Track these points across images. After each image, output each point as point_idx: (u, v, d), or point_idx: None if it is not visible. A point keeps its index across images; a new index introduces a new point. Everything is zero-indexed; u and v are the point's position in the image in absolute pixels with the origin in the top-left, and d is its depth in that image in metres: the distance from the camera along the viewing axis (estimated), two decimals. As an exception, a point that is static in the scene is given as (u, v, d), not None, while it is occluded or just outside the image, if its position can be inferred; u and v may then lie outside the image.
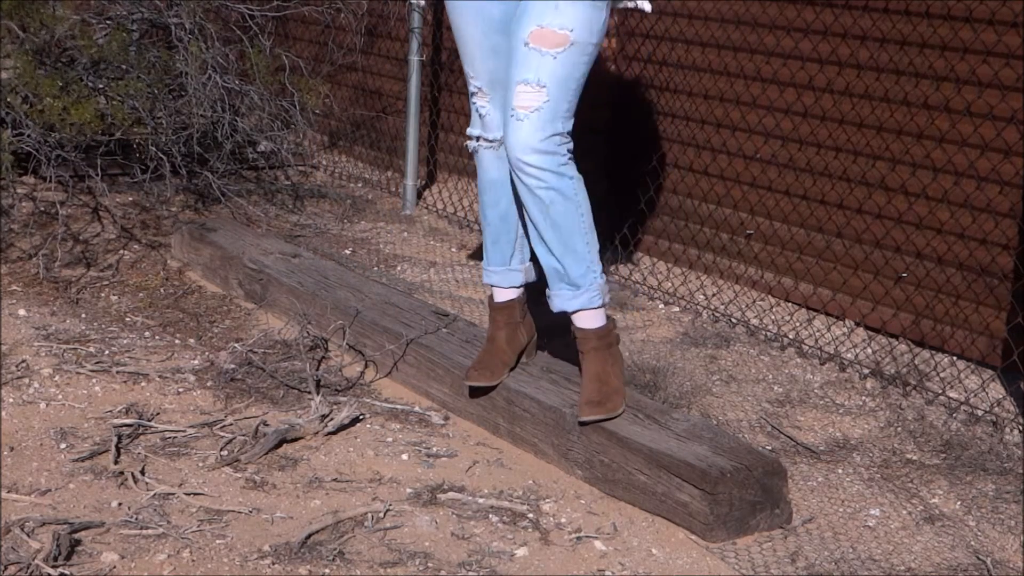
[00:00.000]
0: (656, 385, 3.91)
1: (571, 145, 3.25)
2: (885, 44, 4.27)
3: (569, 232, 3.26)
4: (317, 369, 3.88)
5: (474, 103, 3.46)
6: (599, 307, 3.34)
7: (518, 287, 3.56)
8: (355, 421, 3.57)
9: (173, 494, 3.12)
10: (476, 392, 3.56)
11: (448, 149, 6.17)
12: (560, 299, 3.35)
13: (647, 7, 3.41)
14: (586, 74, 3.23)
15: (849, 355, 4.19)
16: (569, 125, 3.23)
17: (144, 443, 3.40)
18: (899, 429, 3.71)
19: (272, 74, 5.61)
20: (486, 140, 3.45)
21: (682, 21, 4.90)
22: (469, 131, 3.50)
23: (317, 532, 2.98)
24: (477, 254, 5.26)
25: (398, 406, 3.71)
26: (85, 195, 5.31)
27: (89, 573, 2.76)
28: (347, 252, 5.19)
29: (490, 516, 3.11)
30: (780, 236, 4.65)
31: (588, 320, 3.35)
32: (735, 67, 4.73)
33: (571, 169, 3.25)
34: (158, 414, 3.58)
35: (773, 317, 4.51)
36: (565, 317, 3.39)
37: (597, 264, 3.32)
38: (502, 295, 3.56)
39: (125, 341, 4.09)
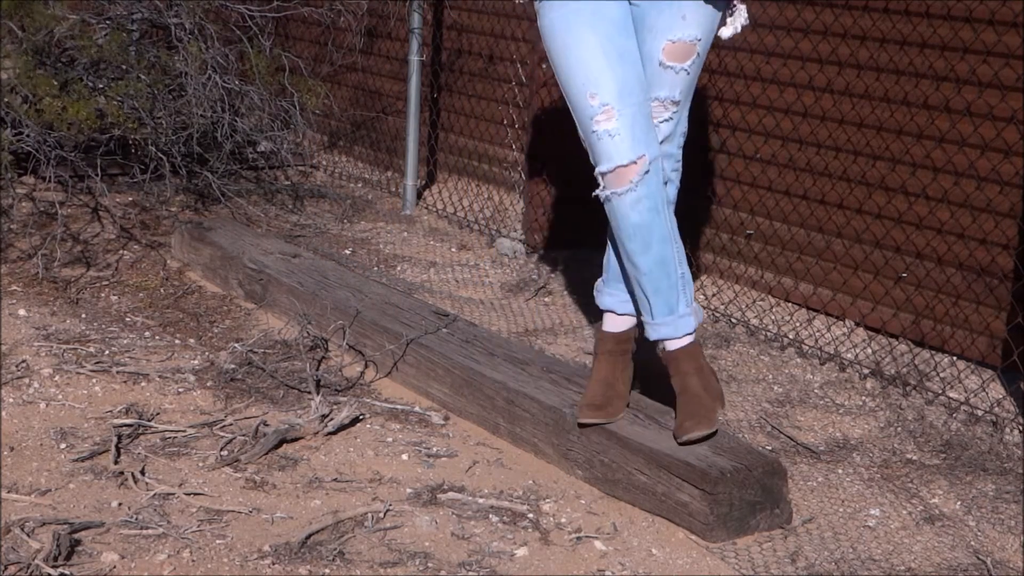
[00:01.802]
0: (656, 385, 3.91)
1: (683, 145, 3.26)
2: (885, 44, 4.27)
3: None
4: (317, 369, 3.88)
5: (595, 131, 3.07)
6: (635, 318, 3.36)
7: (691, 333, 3.25)
8: (355, 421, 3.57)
9: (173, 494, 3.12)
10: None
11: (448, 149, 6.17)
12: (612, 299, 3.37)
13: (744, 20, 3.23)
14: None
15: (849, 355, 4.19)
16: (687, 124, 3.25)
17: (144, 443, 3.40)
18: (899, 429, 3.71)
19: (272, 74, 5.61)
20: (618, 171, 3.06)
21: (682, 21, 4.90)
22: (598, 171, 3.10)
23: (317, 532, 2.98)
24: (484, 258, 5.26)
25: (398, 406, 3.71)
26: (85, 195, 5.31)
27: (89, 573, 2.76)
28: (347, 252, 5.19)
29: (490, 516, 3.11)
30: (780, 236, 4.65)
31: (617, 323, 3.36)
32: (735, 67, 4.73)
33: (678, 176, 3.27)
34: (158, 414, 3.58)
35: (773, 317, 4.51)
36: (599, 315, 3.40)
37: None
38: (676, 344, 3.25)
39: (125, 341, 4.09)
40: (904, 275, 4.26)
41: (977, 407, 3.80)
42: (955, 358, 4.11)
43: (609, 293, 3.36)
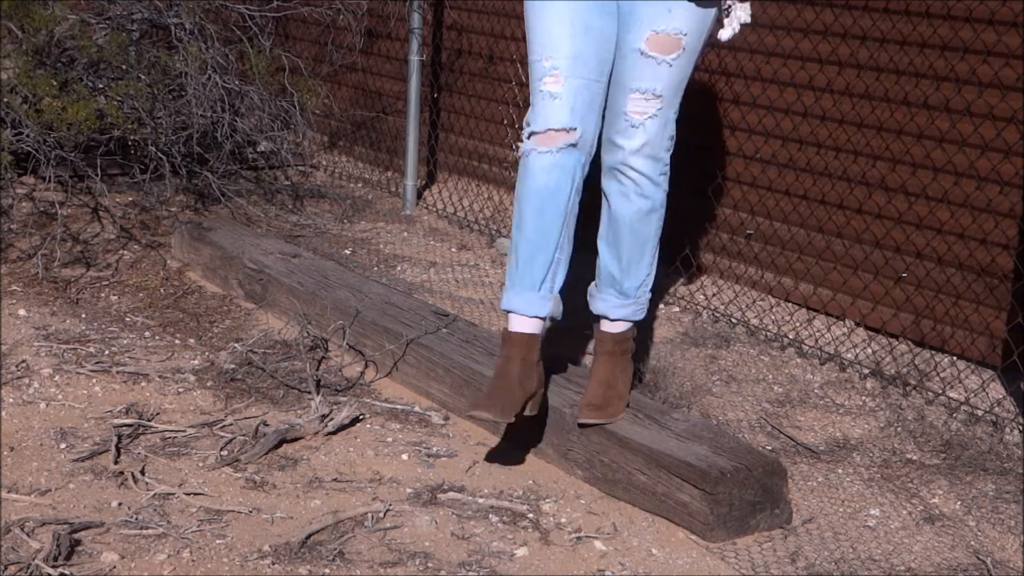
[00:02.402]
0: (656, 385, 3.91)
1: (672, 149, 3.22)
2: (885, 44, 4.27)
3: (644, 243, 3.26)
4: (317, 369, 3.88)
5: (540, 90, 3.11)
6: (637, 321, 3.35)
7: (542, 318, 3.20)
8: (355, 421, 3.57)
9: (173, 494, 3.12)
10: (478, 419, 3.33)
11: (448, 149, 6.17)
12: (604, 304, 3.35)
13: (745, 18, 3.23)
14: (692, 75, 3.20)
15: (849, 355, 4.19)
16: (675, 127, 3.21)
17: (144, 443, 3.40)
18: (899, 429, 3.71)
19: (272, 74, 5.61)
20: (549, 133, 3.11)
21: (682, 21, 4.90)
22: (527, 128, 3.14)
23: (317, 532, 2.98)
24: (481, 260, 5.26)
25: (398, 406, 3.71)
26: (84, 195, 5.31)
27: (89, 573, 2.76)
28: (347, 252, 5.19)
29: (490, 516, 3.11)
30: (780, 236, 4.65)
31: (611, 325, 3.35)
32: (735, 67, 4.73)
33: (666, 181, 3.25)
34: (158, 414, 3.58)
35: (773, 317, 4.51)
36: (591, 316, 3.39)
37: (652, 279, 3.34)
38: (520, 324, 3.20)
39: (125, 341, 4.09)
40: (904, 275, 4.26)
41: (977, 407, 3.80)
42: (955, 358, 4.11)
43: (602, 299, 3.36)
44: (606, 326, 3.37)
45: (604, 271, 3.33)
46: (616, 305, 3.33)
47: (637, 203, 3.22)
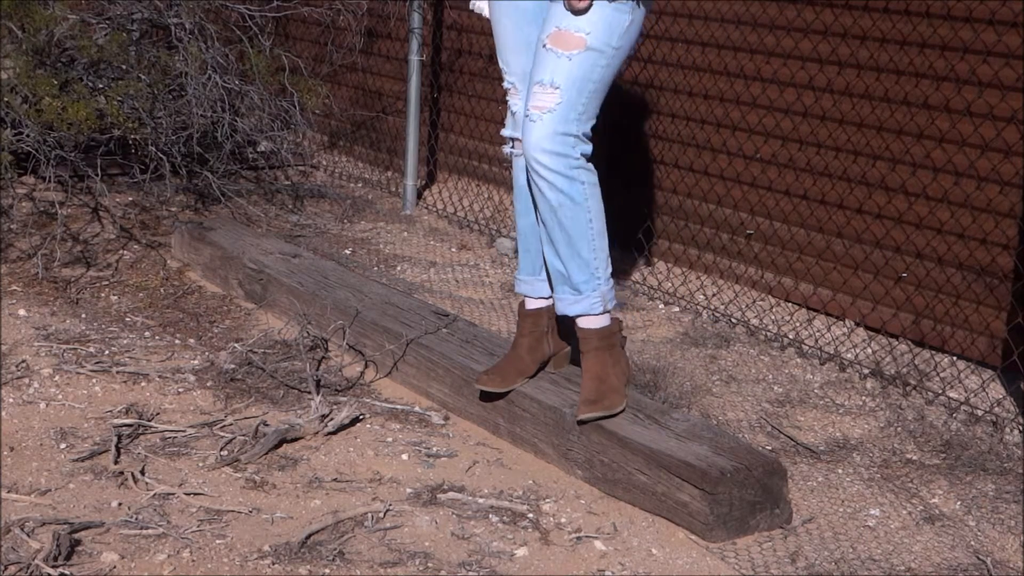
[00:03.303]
0: (656, 385, 3.91)
1: (587, 148, 3.23)
2: (885, 44, 4.27)
3: (576, 237, 3.26)
4: (317, 369, 3.88)
5: (508, 100, 3.43)
6: (599, 314, 3.34)
7: (547, 298, 3.51)
8: (355, 421, 3.57)
9: (173, 494, 3.12)
10: (485, 397, 3.54)
11: (448, 149, 6.17)
12: (562, 303, 3.36)
13: None
14: (606, 77, 3.21)
15: (849, 355, 4.19)
16: (585, 128, 3.22)
17: (144, 443, 3.40)
18: (899, 429, 3.71)
19: (272, 74, 5.61)
20: (517, 142, 3.40)
21: (682, 21, 4.91)
22: (503, 132, 3.46)
23: (317, 532, 2.98)
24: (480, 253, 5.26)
25: (398, 406, 3.71)
26: (84, 195, 5.31)
27: (89, 573, 2.76)
28: (347, 252, 5.19)
29: (490, 516, 3.11)
30: (780, 236, 4.65)
31: (589, 321, 3.36)
32: (735, 67, 4.74)
33: (583, 173, 3.24)
34: (158, 414, 3.58)
35: (773, 317, 4.51)
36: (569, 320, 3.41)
37: (602, 271, 3.32)
38: (531, 303, 3.53)
39: (125, 341, 4.09)
40: (904, 275, 4.26)
41: (977, 407, 3.80)
42: (955, 358, 4.11)
43: (559, 298, 3.37)
44: (583, 323, 3.36)
45: (552, 270, 3.35)
46: (571, 302, 3.34)
47: (553, 199, 3.22)
